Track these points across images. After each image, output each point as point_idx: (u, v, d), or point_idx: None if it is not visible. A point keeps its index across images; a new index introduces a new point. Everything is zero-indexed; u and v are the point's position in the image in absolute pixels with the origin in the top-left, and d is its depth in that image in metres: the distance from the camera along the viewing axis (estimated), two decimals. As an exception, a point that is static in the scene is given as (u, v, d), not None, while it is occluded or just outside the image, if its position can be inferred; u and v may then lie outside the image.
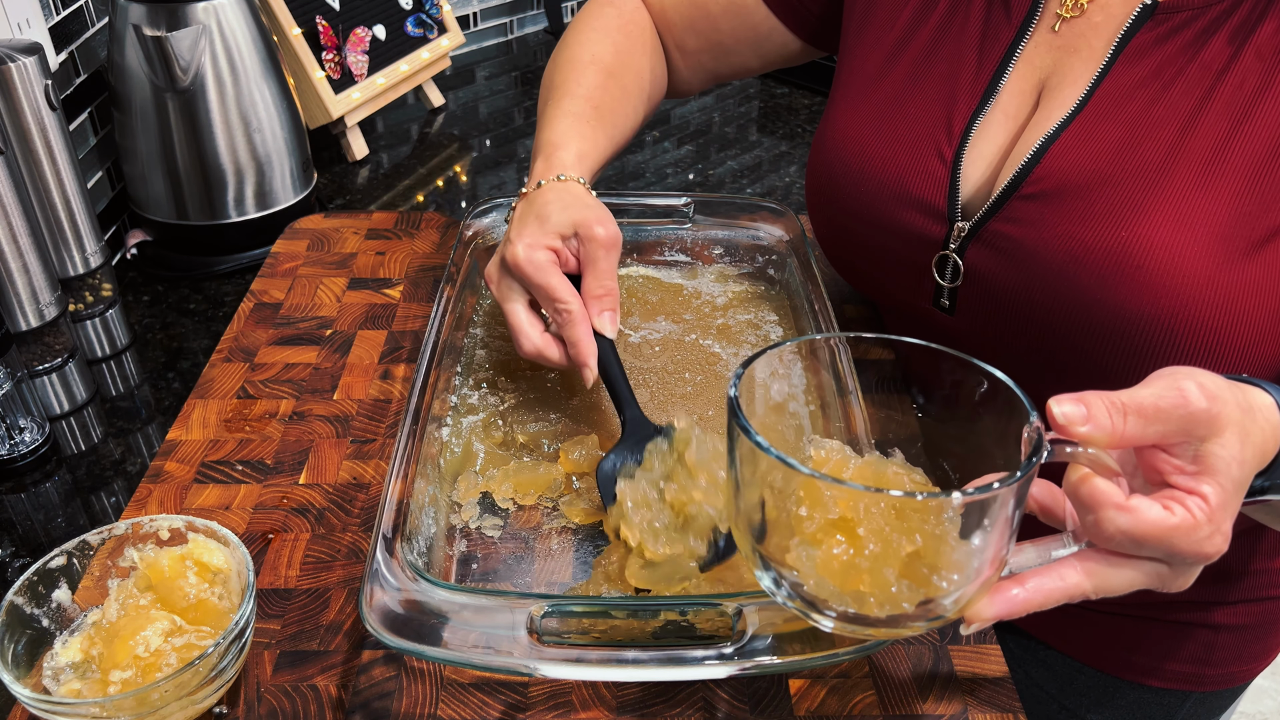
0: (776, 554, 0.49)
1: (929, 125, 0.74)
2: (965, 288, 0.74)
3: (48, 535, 0.81)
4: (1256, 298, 0.63)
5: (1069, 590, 0.49)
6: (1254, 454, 0.49)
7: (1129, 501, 0.47)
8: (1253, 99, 0.63)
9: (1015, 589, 0.49)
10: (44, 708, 0.54)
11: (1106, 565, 0.49)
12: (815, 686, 0.62)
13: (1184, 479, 0.48)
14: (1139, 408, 0.48)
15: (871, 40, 0.80)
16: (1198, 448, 0.48)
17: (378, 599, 0.56)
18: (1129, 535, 0.47)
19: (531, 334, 0.73)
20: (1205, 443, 0.48)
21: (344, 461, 0.77)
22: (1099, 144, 0.67)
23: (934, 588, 0.47)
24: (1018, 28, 0.72)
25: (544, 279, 0.71)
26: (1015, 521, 0.48)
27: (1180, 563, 0.49)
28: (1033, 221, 0.68)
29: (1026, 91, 0.72)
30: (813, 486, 0.47)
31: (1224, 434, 0.48)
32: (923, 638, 0.65)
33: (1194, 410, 0.47)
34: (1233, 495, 0.48)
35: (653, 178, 1.41)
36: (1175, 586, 0.50)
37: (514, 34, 1.83)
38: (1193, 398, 0.47)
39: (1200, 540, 0.47)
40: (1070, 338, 0.68)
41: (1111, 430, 0.47)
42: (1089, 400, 0.48)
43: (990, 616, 0.49)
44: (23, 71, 0.87)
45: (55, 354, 0.93)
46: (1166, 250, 0.63)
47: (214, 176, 1.13)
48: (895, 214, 0.76)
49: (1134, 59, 0.67)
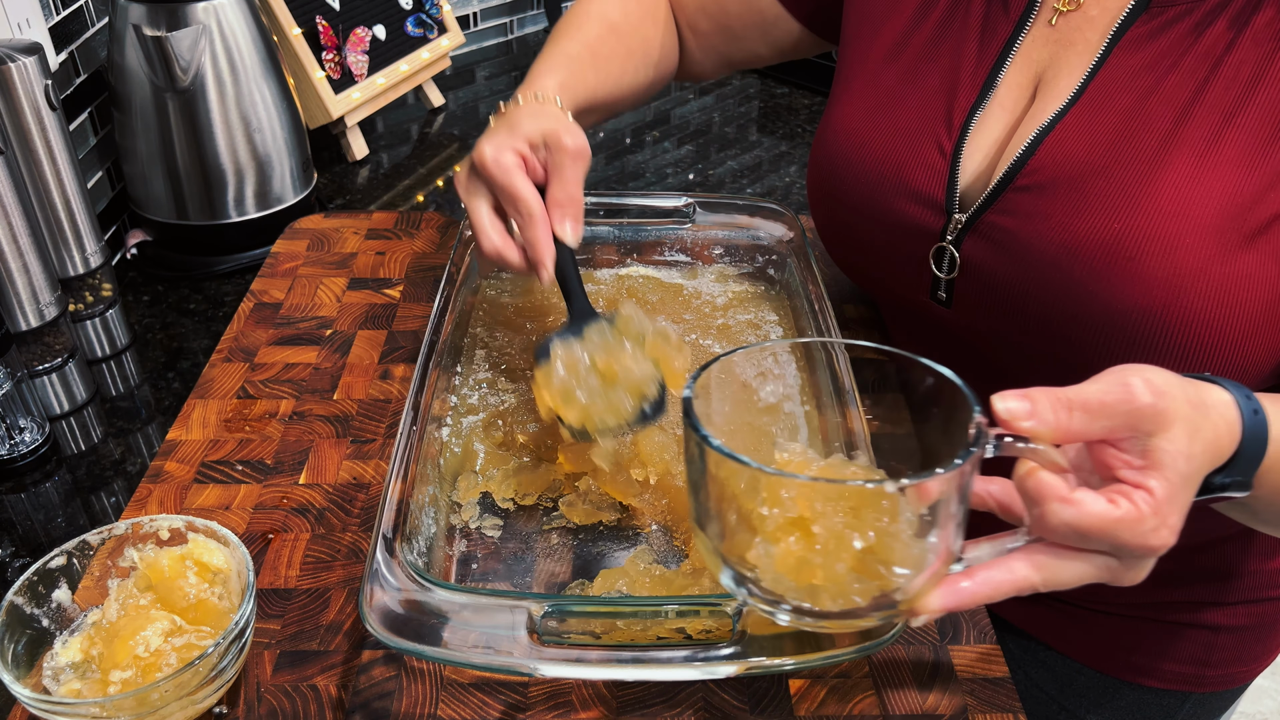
0: (734, 553, 0.50)
1: (929, 118, 0.75)
2: (962, 280, 0.74)
3: (48, 535, 0.81)
4: (1250, 289, 0.63)
5: (1017, 583, 0.50)
6: (1205, 449, 0.50)
7: (1073, 495, 0.48)
8: (1246, 90, 0.64)
9: (964, 582, 0.50)
10: (44, 708, 0.54)
11: (1054, 558, 0.50)
12: (815, 686, 0.62)
13: (1131, 473, 0.48)
14: (1084, 403, 0.48)
15: (871, 33, 0.81)
16: (1145, 443, 0.48)
17: (378, 599, 0.56)
18: (1073, 528, 0.48)
19: (492, 235, 0.74)
20: (1152, 438, 0.48)
21: (344, 461, 0.77)
22: (1093, 136, 0.67)
23: (885, 581, 0.48)
24: (1015, 22, 0.73)
25: (507, 180, 0.72)
26: (960, 514, 0.49)
27: (1128, 555, 0.49)
28: (1027, 213, 0.69)
29: (1024, 85, 0.72)
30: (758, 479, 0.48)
31: (1171, 429, 0.48)
32: (923, 638, 0.65)
33: (1139, 405, 0.48)
34: (1180, 489, 0.48)
35: (653, 178, 1.41)
36: (1127, 580, 0.51)
37: (514, 34, 1.83)
38: (1138, 393, 0.48)
39: (1145, 533, 0.48)
40: (1065, 330, 0.69)
41: (1056, 425, 0.48)
42: (1034, 396, 0.49)
43: (938, 608, 0.50)
44: (23, 71, 0.87)
45: (55, 354, 0.93)
46: (1160, 242, 0.64)
47: (214, 176, 1.13)
48: (894, 205, 0.76)
49: (1129, 51, 0.68)
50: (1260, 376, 0.67)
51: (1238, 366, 0.65)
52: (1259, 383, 0.67)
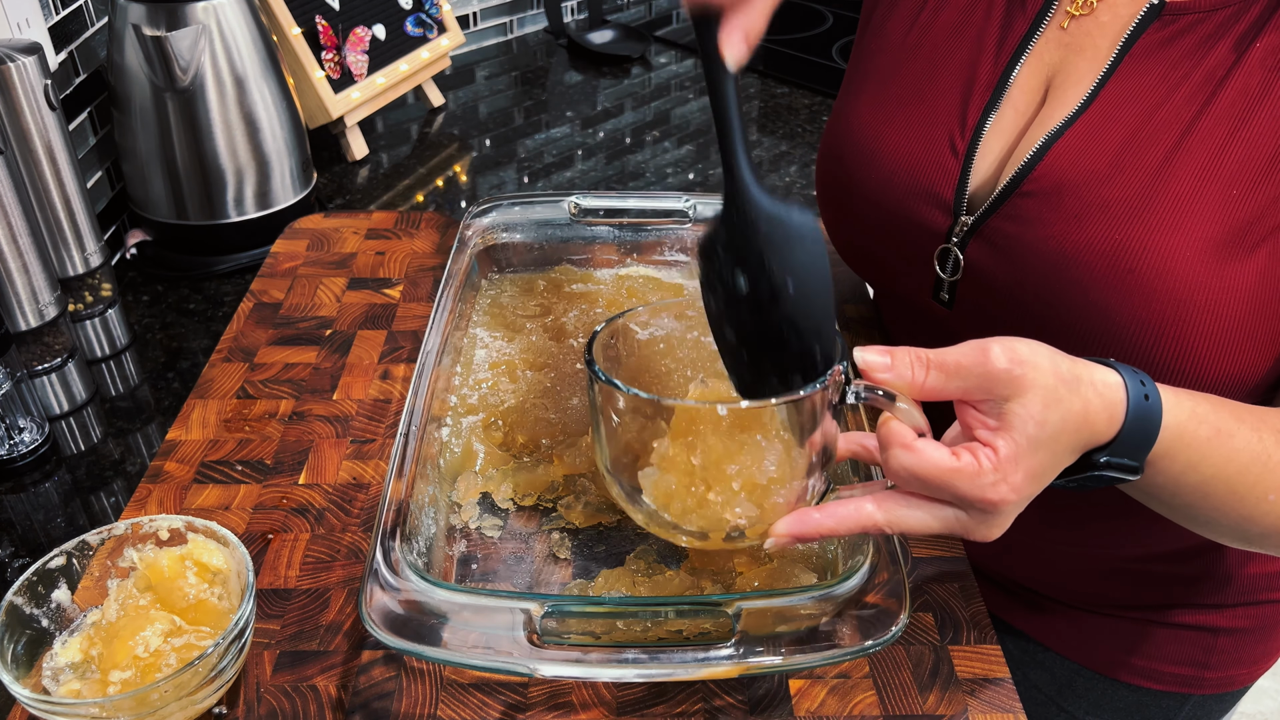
0: (627, 473, 0.59)
1: (944, 116, 0.74)
2: (964, 282, 0.74)
3: (47, 535, 0.81)
4: (1247, 303, 0.63)
5: (861, 519, 0.53)
6: (1065, 419, 0.51)
7: (915, 443, 0.51)
8: (1253, 105, 0.63)
9: (815, 514, 0.54)
10: (44, 708, 0.54)
11: (900, 504, 0.53)
12: (815, 686, 0.62)
13: (984, 433, 0.51)
14: (941, 363, 0.52)
15: (893, 27, 0.80)
16: (1001, 406, 0.51)
17: (377, 599, 0.56)
18: (912, 473, 0.51)
19: None
20: (1008, 402, 0.51)
21: (344, 461, 0.77)
22: (1099, 146, 0.67)
23: (743, 505, 0.55)
24: (1032, 20, 0.72)
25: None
26: (819, 453, 0.56)
27: (972, 509, 0.52)
28: (1030, 220, 0.69)
29: (1035, 88, 0.72)
30: (632, 402, 0.56)
31: (1025, 395, 0.50)
32: (923, 638, 0.65)
33: (993, 370, 0.51)
34: (1026, 451, 0.51)
35: (653, 178, 1.41)
36: (978, 535, 0.53)
37: (514, 34, 1.83)
38: (994, 358, 0.51)
39: (984, 486, 0.50)
40: (1061, 338, 0.68)
41: (912, 380, 0.52)
42: (895, 352, 0.53)
43: (784, 532, 0.54)
44: (22, 71, 0.87)
45: (55, 354, 0.93)
46: (1159, 255, 0.64)
47: (214, 176, 1.13)
48: (903, 203, 0.76)
49: (1139, 61, 0.67)
50: (1249, 384, 0.67)
51: (1228, 374, 0.65)
52: (1251, 392, 0.67)
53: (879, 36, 0.81)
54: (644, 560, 0.66)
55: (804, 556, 0.67)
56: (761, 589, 0.63)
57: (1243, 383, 0.66)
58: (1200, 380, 0.65)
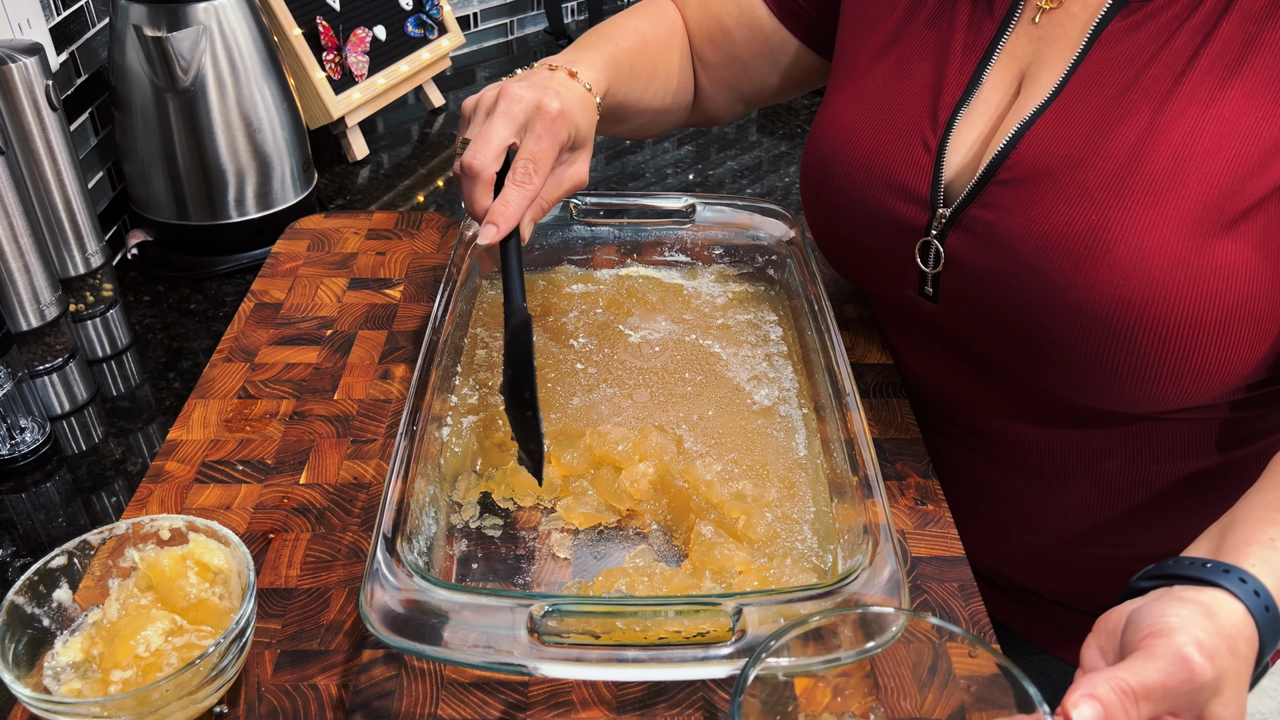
0: None
1: (915, 115, 0.76)
2: (947, 274, 0.75)
3: (48, 535, 0.81)
4: (1228, 279, 0.64)
5: None
6: (1244, 687, 0.50)
7: None
8: (1222, 82, 0.64)
9: None
10: (44, 707, 0.54)
11: None
12: (815, 686, 0.62)
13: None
14: (1148, 691, 0.47)
15: (863, 35, 0.82)
16: (1202, 709, 0.49)
17: (378, 599, 0.56)
18: None
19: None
20: (1209, 704, 0.49)
21: (344, 461, 0.77)
22: (1072, 129, 0.68)
23: None
24: (1000, 20, 0.74)
25: (470, 189, 0.73)
26: None
27: None
28: (1008, 206, 0.70)
29: (1008, 81, 0.74)
30: None
31: (1223, 692, 0.49)
32: (923, 638, 0.65)
33: (1202, 683, 0.48)
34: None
35: (653, 178, 1.41)
36: None
37: (514, 34, 1.83)
38: (1198, 669, 0.48)
39: None
40: (1045, 322, 0.69)
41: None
42: (1102, 697, 0.47)
43: None
44: (23, 72, 0.87)
45: (56, 354, 0.93)
46: (1136, 234, 0.64)
47: (214, 177, 1.13)
48: (881, 201, 0.77)
49: (1108, 46, 0.69)
50: (1242, 375, 0.67)
51: (1217, 359, 0.65)
52: (1242, 379, 0.67)
53: (851, 46, 0.83)
54: (644, 560, 0.66)
55: (804, 556, 0.67)
56: (761, 589, 0.63)
57: (1236, 372, 0.66)
58: (1189, 368, 0.65)
